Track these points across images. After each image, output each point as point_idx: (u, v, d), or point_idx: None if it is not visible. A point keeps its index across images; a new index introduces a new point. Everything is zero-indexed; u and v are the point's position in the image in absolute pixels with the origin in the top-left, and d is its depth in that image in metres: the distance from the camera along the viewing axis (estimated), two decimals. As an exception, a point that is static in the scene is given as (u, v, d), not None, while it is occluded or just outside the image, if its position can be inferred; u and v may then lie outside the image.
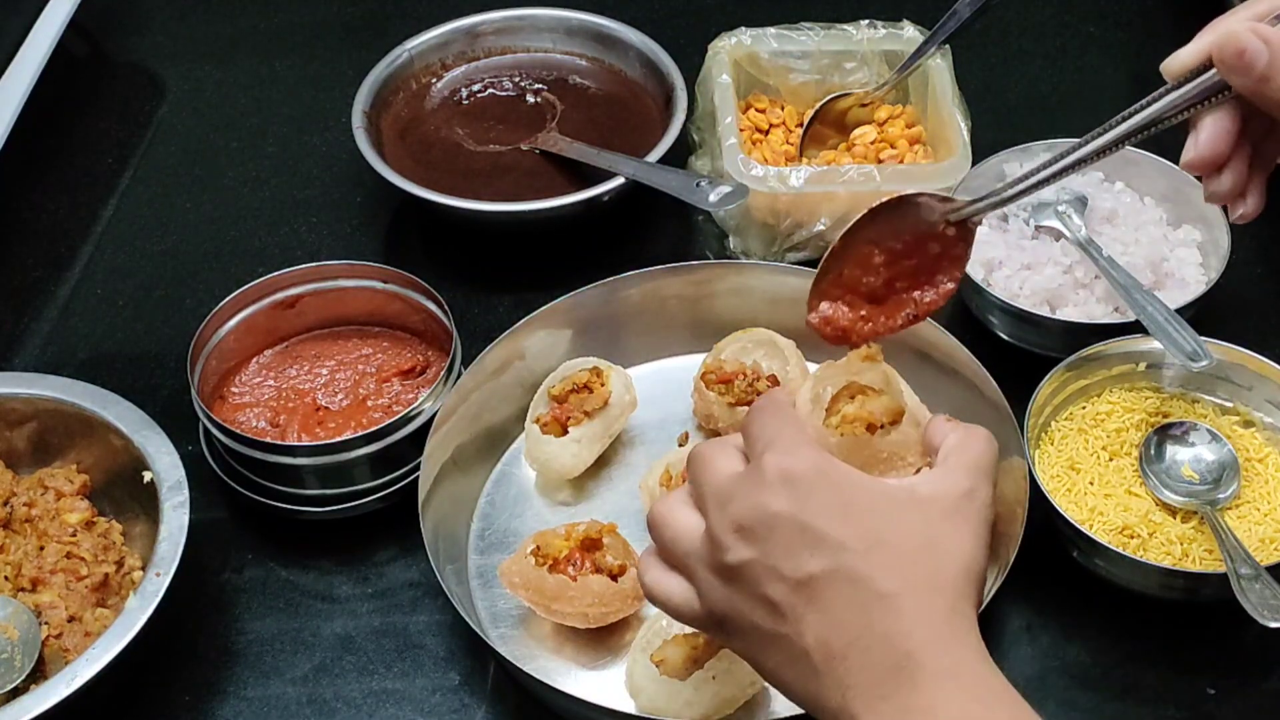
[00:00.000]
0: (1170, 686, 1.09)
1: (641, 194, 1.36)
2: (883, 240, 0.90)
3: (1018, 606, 1.13)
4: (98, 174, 1.53)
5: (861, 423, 0.91)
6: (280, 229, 1.47)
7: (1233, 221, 0.90)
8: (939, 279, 0.90)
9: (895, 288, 0.91)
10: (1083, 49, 1.63)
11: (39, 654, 1.07)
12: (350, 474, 1.18)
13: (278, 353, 1.28)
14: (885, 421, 0.92)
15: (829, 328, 0.93)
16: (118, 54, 1.69)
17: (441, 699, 1.11)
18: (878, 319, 0.92)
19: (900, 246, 0.90)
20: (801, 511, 0.81)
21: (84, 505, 1.16)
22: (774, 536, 0.81)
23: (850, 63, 1.46)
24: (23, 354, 1.36)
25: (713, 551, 0.84)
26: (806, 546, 0.81)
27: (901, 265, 0.90)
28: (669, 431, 1.25)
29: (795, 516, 0.81)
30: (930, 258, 0.91)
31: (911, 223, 0.90)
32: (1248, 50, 0.79)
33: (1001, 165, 1.35)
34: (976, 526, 0.85)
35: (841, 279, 0.92)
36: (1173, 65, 0.83)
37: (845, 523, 0.81)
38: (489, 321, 1.32)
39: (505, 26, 1.55)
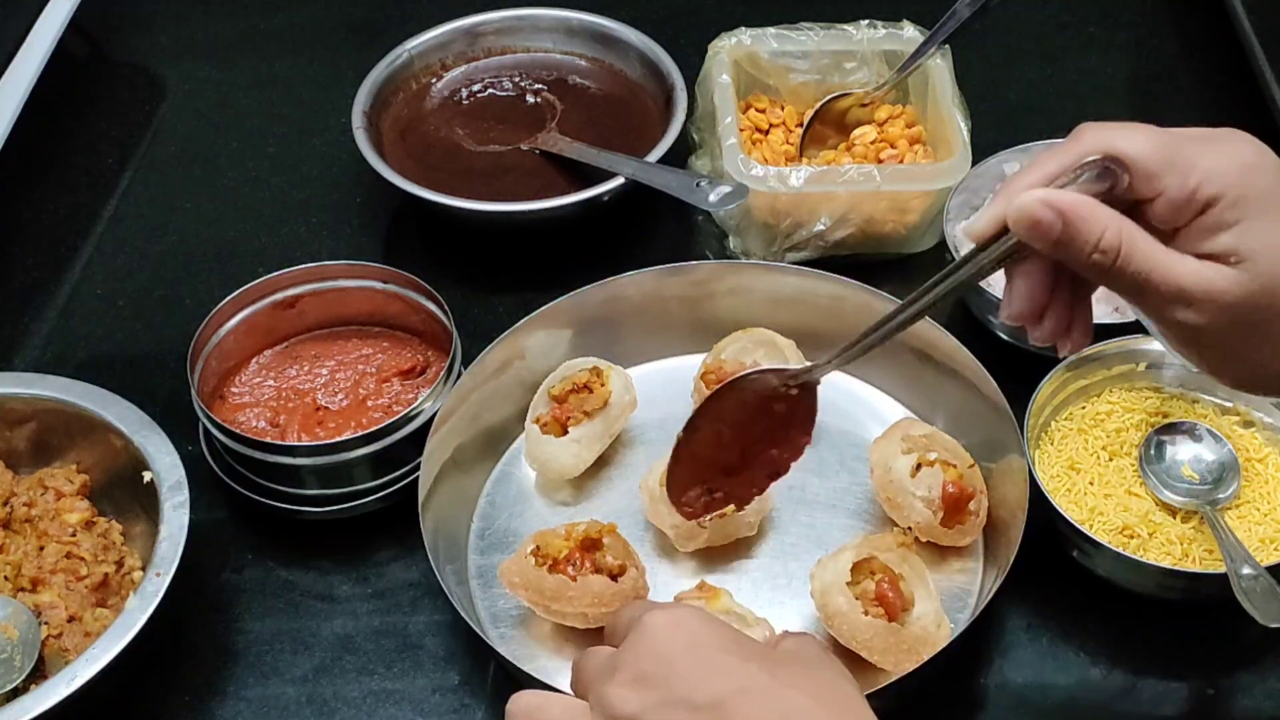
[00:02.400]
0: (1170, 686, 1.09)
1: (641, 194, 1.36)
2: (727, 417, 0.93)
3: (1018, 606, 1.13)
4: (98, 174, 1.53)
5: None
6: (280, 229, 1.47)
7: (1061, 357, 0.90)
8: (793, 435, 0.93)
9: (751, 453, 0.94)
10: (1083, 49, 1.63)
11: (39, 654, 1.07)
12: (350, 474, 1.18)
13: (278, 353, 1.28)
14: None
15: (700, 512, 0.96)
16: (118, 54, 1.69)
17: (441, 699, 1.11)
18: (743, 488, 0.95)
19: (746, 418, 0.92)
20: (699, 644, 0.80)
21: (84, 505, 1.16)
22: (675, 672, 0.79)
23: (850, 63, 1.46)
24: (23, 354, 1.36)
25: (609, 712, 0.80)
26: (713, 673, 0.79)
27: (752, 432, 0.92)
28: (669, 431, 1.24)
29: (694, 649, 0.79)
30: (780, 418, 0.93)
31: (752, 396, 0.92)
32: (1041, 222, 0.79)
33: (1001, 165, 1.35)
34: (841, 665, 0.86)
35: (697, 463, 0.94)
36: (973, 230, 0.83)
37: (741, 653, 0.80)
38: (489, 321, 1.32)
39: (505, 26, 1.55)
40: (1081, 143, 0.80)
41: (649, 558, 1.15)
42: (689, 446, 0.93)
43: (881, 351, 1.25)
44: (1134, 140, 0.78)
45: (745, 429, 0.91)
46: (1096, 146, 0.79)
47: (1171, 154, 0.77)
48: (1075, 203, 0.78)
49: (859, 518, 1.18)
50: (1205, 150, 0.78)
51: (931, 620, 1.06)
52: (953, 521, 1.12)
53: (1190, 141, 0.79)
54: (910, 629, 1.05)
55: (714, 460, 0.93)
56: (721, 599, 1.07)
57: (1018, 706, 1.09)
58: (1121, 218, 0.79)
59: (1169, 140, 0.79)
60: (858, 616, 1.04)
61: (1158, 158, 0.77)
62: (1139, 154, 0.78)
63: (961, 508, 1.12)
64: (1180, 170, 0.77)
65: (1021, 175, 0.82)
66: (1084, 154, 0.79)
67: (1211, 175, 0.77)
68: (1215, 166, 0.77)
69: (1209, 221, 0.77)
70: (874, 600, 1.05)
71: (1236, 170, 0.77)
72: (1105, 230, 0.78)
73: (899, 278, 1.34)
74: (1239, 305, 0.78)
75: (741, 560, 1.16)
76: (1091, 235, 0.78)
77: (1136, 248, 0.79)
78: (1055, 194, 0.79)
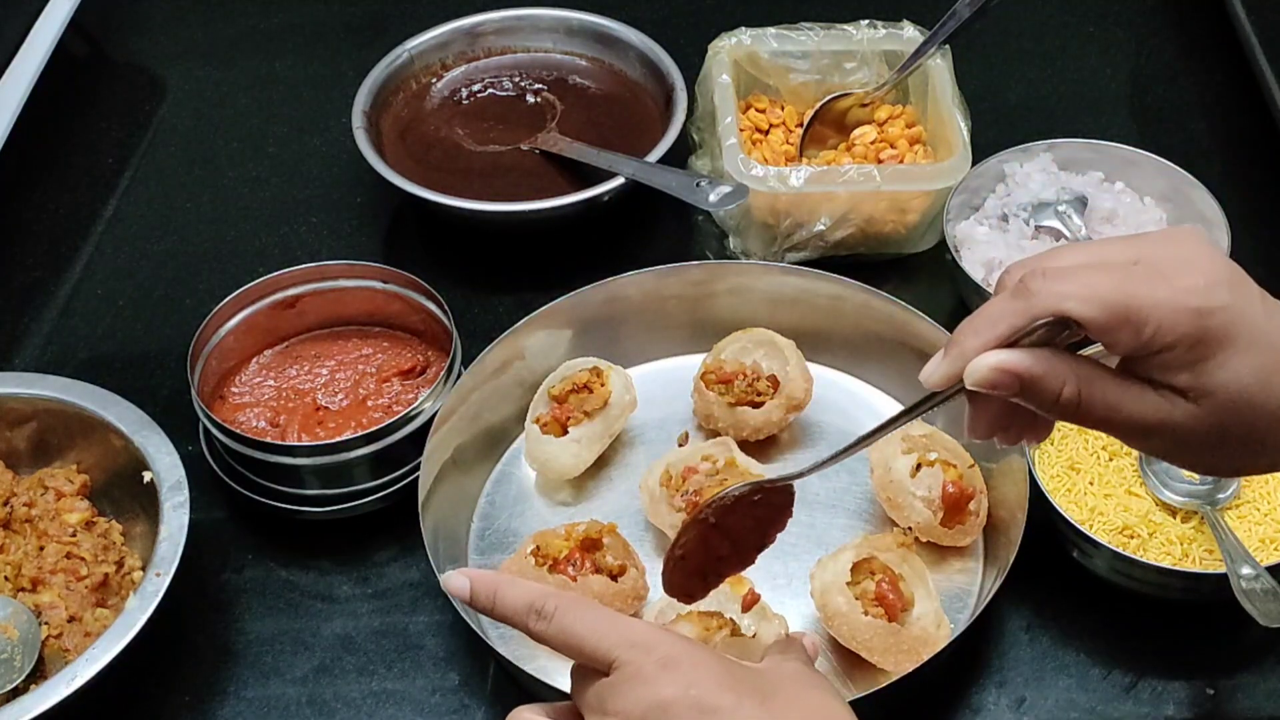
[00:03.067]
0: (1170, 686, 1.09)
1: (641, 194, 1.36)
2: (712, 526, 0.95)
3: (1018, 606, 1.13)
4: (98, 174, 1.53)
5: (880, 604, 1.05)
6: (280, 229, 1.47)
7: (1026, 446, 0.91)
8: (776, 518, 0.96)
9: (739, 542, 0.96)
10: (1083, 49, 1.63)
11: (39, 654, 1.07)
12: (350, 474, 1.18)
13: (278, 353, 1.29)
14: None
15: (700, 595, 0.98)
16: (118, 54, 1.69)
17: (441, 699, 1.11)
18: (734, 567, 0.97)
19: (731, 521, 0.95)
20: (692, 684, 0.82)
21: (84, 505, 1.16)
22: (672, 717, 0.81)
23: (850, 63, 1.46)
24: (23, 354, 1.36)
25: None
26: (705, 716, 0.81)
27: (737, 529, 0.95)
28: (669, 431, 1.25)
29: (688, 690, 0.82)
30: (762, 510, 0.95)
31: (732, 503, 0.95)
32: (998, 385, 0.80)
33: (1001, 165, 1.35)
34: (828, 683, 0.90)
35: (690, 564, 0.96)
36: (929, 382, 0.84)
37: (734, 689, 0.83)
38: (489, 321, 1.32)
39: (505, 26, 1.55)
40: (1031, 303, 0.79)
41: (649, 558, 1.15)
42: (680, 555, 0.96)
43: (881, 351, 1.26)
44: (1084, 301, 0.77)
45: (730, 529, 0.95)
46: (1045, 309, 0.78)
47: (1123, 309, 0.77)
48: (1030, 365, 0.79)
49: (859, 518, 1.18)
50: (1157, 293, 0.77)
51: (931, 620, 1.06)
52: (953, 521, 1.12)
53: (1141, 283, 0.77)
54: (910, 629, 1.05)
55: (706, 557, 0.96)
56: (744, 585, 1.07)
57: (1018, 706, 1.09)
58: (1078, 365, 0.80)
59: (1118, 290, 0.77)
60: (858, 616, 1.04)
61: (1108, 316, 0.77)
62: (1090, 316, 0.77)
63: (961, 508, 1.12)
64: (1133, 325, 0.77)
65: (972, 328, 0.82)
66: (1035, 317, 0.79)
67: (1165, 325, 0.77)
68: (1168, 316, 0.77)
69: (1168, 360, 0.78)
70: (874, 600, 1.05)
71: (1189, 316, 0.77)
72: (1063, 386, 0.80)
73: (899, 278, 1.35)
74: (1200, 433, 0.80)
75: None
76: (1050, 391, 0.80)
77: (1095, 395, 0.80)
78: (1009, 358, 0.79)
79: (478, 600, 0.90)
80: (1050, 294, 0.78)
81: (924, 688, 1.06)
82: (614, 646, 0.85)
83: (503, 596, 0.89)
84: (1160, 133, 1.51)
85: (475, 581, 0.90)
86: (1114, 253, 0.81)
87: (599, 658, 0.85)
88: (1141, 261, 0.79)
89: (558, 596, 0.87)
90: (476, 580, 0.90)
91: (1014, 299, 0.80)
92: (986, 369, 0.80)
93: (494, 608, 0.89)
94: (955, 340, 0.82)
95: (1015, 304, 0.79)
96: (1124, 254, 0.80)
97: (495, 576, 0.90)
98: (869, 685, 1.04)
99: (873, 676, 1.05)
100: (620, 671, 0.84)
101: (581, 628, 0.86)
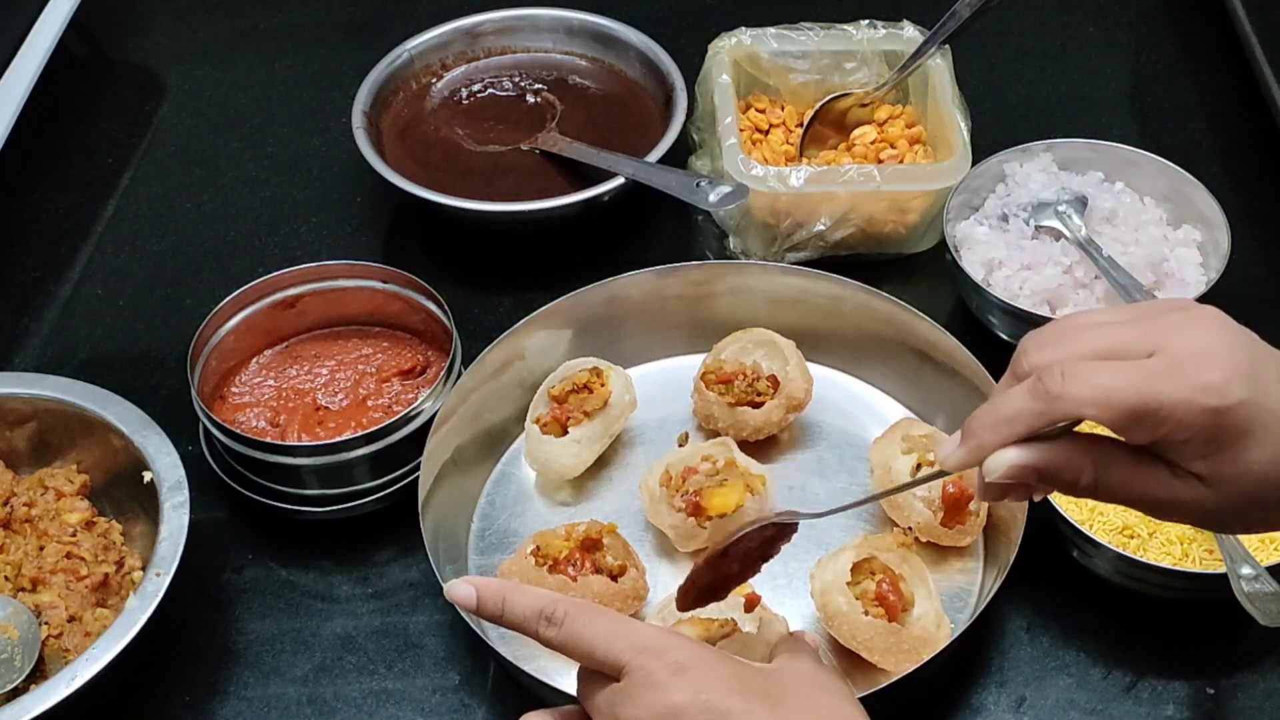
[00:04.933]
0: (1170, 686, 1.09)
1: (641, 194, 1.37)
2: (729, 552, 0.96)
3: (1018, 606, 1.13)
4: (98, 174, 1.53)
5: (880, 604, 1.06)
6: (280, 229, 1.47)
7: None
8: (783, 537, 0.97)
9: (746, 562, 0.98)
10: (1083, 49, 1.63)
11: (39, 654, 1.07)
12: (350, 474, 1.18)
13: (278, 353, 1.29)
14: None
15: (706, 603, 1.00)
16: (118, 54, 1.69)
17: (441, 699, 1.11)
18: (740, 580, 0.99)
19: (741, 545, 0.96)
20: (703, 689, 0.83)
21: (84, 505, 1.16)
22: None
23: (850, 63, 1.46)
24: (23, 354, 1.36)
25: None
26: None
27: (747, 555, 0.97)
28: (669, 431, 1.25)
29: (699, 695, 0.83)
30: (774, 531, 0.96)
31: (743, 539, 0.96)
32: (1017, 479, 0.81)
33: (1001, 165, 1.35)
34: (840, 682, 0.91)
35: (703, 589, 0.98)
36: (946, 465, 0.84)
37: (744, 693, 0.84)
38: (489, 321, 1.32)
39: (505, 26, 1.55)
40: (1050, 406, 0.79)
41: (649, 558, 1.15)
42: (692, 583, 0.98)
43: (881, 351, 1.26)
44: (1102, 408, 0.77)
45: (738, 552, 0.96)
46: (1064, 415, 0.79)
47: (1140, 411, 0.77)
48: (1049, 460, 0.80)
49: (859, 518, 1.18)
50: (1175, 391, 0.77)
51: (931, 620, 1.06)
52: (953, 521, 1.12)
53: (1158, 381, 0.77)
54: (910, 629, 1.05)
55: (715, 578, 0.97)
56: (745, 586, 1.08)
57: (1018, 706, 1.09)
58: (1095, 451, 0.81)
59: (1136, 392, 0.77)
60: (858, 616, 1.04)
61: (1126, 419, 0.77)
62: (1109, 419, 0.78)
63: (961, 508, 1.12)
64: (1151, 424, 0.77)
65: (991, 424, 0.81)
66: (1053, 421, 0.80)
67: (1182, 424, 0.77)
68: (1185, 416, 0.77)
69: (1184, 450, 0.79)
70: (874, 600, 1.05)
71: (1206, 415, 0.77)
72: (1081, 475, 0.81)
73: (899, 278, 1.35)
74: (1218, 510, 0.81)
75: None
76: (1069, 478, 0.81)
77: (1112, 479, 0.81)
78: (1028, 456, 0.80)
79: (485, 608, 0.90)
80: (1070, 399, 0.78)
81: (924, 688, 1.06)
82: (624, 651, 0.85)
83: (511, 604, 0.89)
84: (1160, 133, 1.51)
85: (482, 590, 0.90)
86: (1131, 339, 0.80)
87: (609, 663, 0.85)
88: (1158, 354, 0.78)
89: (567, 602, 0.88)
90: (483, 588, 0.90)
91: (1032, 399, 0.79)
92: (1005, 466, 0.80)
93: (502, 615, 0.89)
94: (972, 431, 0.82)
95: (1033, 404, 0.79)
96: (1141, 342, 0.79)
97: (502, 584, 0.91)
98: (869, 685, 1.04)
99: (873, 676, 1.05)
100: (630, 677, 0.84)
101: (591, 633, 0.86)
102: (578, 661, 0.88)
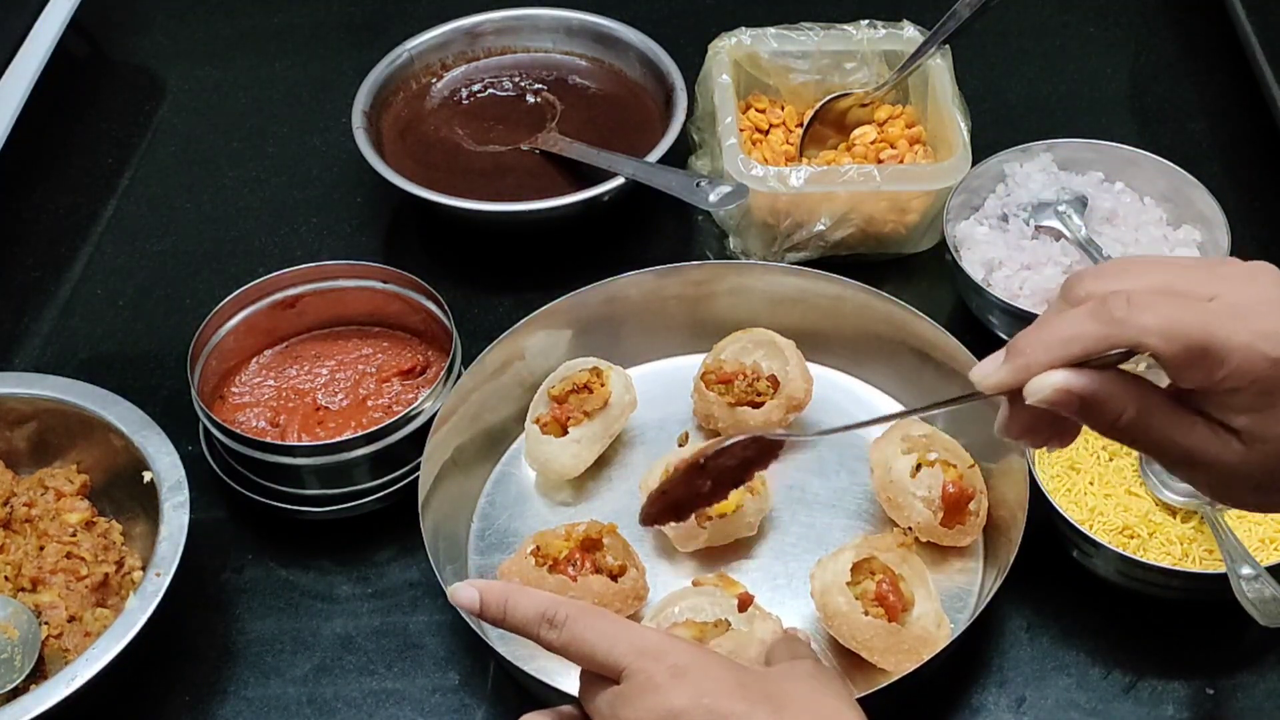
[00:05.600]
0: (1170, 686, 1.09)
1: (641, 194, 1.36)
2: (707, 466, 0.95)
3: (1018, 606, 1.13)
4: (98, 174, 1.53)
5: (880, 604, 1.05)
6: (280, 229, 1.47)
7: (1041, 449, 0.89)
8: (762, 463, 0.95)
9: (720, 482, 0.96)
10: (1083, 49, 1.63)
11: (39, 654, 1.07)
12: (350, 474, 1.18)
13: (278, 353, 1.29)
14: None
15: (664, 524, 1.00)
16: (118, 54, 1.69)
17: (441, 699, 1.11)
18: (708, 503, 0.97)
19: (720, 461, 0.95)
20: (705, 693, 0.83)
21: (84, 505, 1.16)
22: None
23: (850, 63, 1.46)
24: (23, 354, 1.36)
25: None
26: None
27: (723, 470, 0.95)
28: (669, 431, 1.25)
29: (700, 699, 0.83)
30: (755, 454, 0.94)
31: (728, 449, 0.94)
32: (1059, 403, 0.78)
33: (1001, 165, 1.35)
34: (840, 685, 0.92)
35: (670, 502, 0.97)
36: (985, 385, 0.81)
37: (745, 697, 0.84)
38: (489, 321, 1.32)
39: (505, 26, 1.55)
40: (1112, 330, 0.76)
41: (649, 558, 1.15)
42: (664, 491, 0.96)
43: (881, 351, 1.26)
44: (1167, 338, 0.75)
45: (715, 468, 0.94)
46: (1126, 340, 0.76)
47: (1202, 349, 0.75)
48: (1096, 389, 0.77)
49: (859, 518, 1.18)
50: (1237, 335, 0.75)
51: (931, 620, 1.06)
52: (953, 521, 1.12)
53: (1222, 322, 0.75)
54: (910, 629, 1.05)
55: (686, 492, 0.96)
56: (738, 587, 1.08)
57: (1018, 706, 1.09)
58: (1139, 391, 0.79)
59: (1201, 329, 0.75)
60: (858, 616, 1.04)
61: (1187, 354, 0.75)
62: (1170, 353, 0.75)
63: (961, 508, 1.12)
64: (1209, 364, 0.75)
65: (1042, 343, 0.78)
66: (1113, 345, 0.77)
67: (1240, 369, 0.75)
68: (1245, 360, 0.75)
69: (1231, 401, 0.77)
70: (874, 600, 1.05)
71: (1264, 363, 0.75)
72: (1124, 411, 0.78)
73: (899, 278, 1.35)
74: (1246, 473, 0.79)
75: (741, 560, 1.16)
76: (1109, 415, 0.78)
77: (1153, 423, 0.79)
78: (1077, 381, 0.77)
79: (488, 611, 0.90)
80: (1134, 325, 0.76)
81: (924, 688, 1.06)
82: (624, 654, 0.85)
83: (513, 607, 0.89)
84: (1160, 133, 1.51)
85: (485, 593, 0.90)
86: (1192, 281, 0.78)
87: (609, 665, 0.85)
88: (1219, 298, 0.77)
89: (568, 605, 0.88)
90: (486, 591, 0.90)
91: (1093, 321, 0.77)
92: (1051, 388, 0.77)
93: (505, 618, 0.90)
94: (1019, 349, 0.79)
95: (1094, 327, 0.77)
96: (1202, 286, 0.77)
97: (504, 586, 0.91)
98: (869, 685, 1.04)
99: (873, 676, 1.05)
100: (631, 680, 0.84)
101: (592, 636, 0.86)
102: (578, 664, 0.88)
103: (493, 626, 1.07)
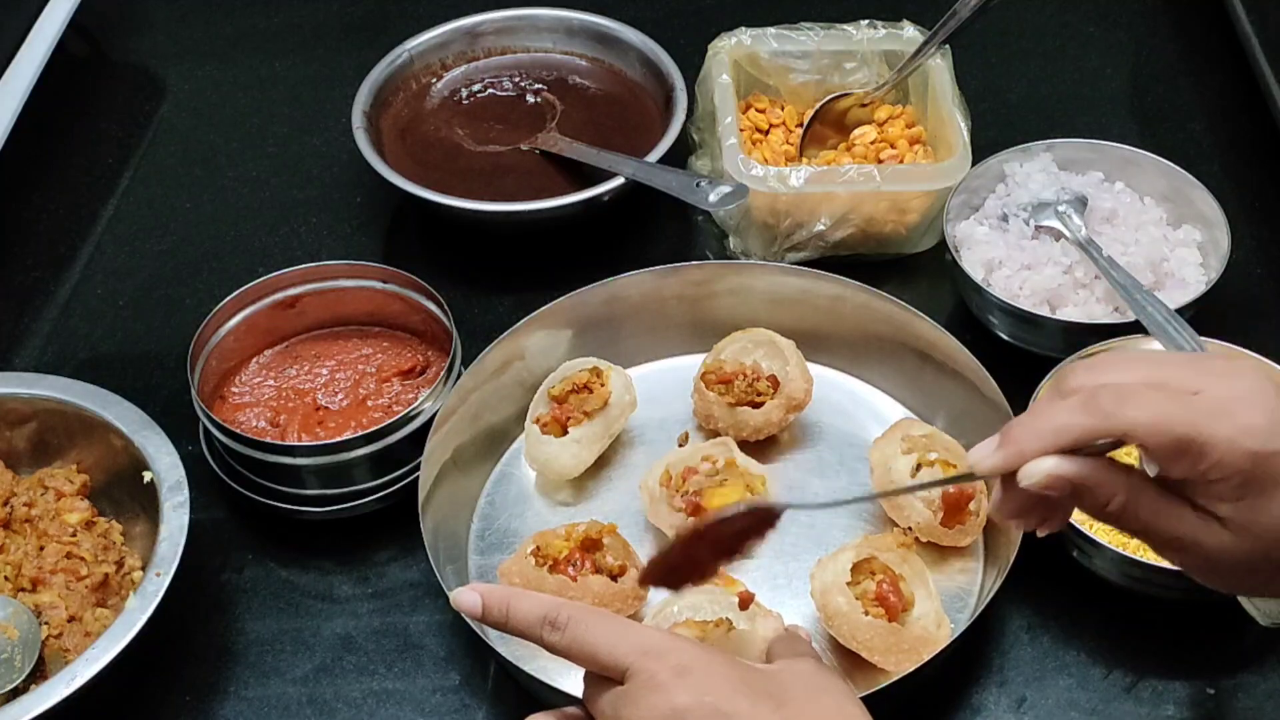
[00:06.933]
0: (1170, 686, 1.09)
1: (641, 194, 1.37)
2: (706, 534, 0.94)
3: (1018, 606, 1.13)
4: (98, 174, 1.53)
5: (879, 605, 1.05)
6: (280, 229, 1.47)
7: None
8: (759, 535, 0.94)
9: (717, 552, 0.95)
10: (1083, 49, 1.63)
11: (39, 654, 1.07)
12: (350, 474, 1.18)
13: (278, 353, 1.29)
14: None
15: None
16: (118, 54, 1.69)
17: (441, 699, 1.11)
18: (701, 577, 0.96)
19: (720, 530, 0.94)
20: (707, 691, 0.84)
21: (84, 505, 1.16)
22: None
23: (850, 63, 1.46)
24: (23, 354, 1.36)
25: None
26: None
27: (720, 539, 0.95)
28: (669, 431, 1.25)
29: (703, 698, 0.83)
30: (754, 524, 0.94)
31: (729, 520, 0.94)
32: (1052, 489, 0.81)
33: (1001, 165, 1.35)
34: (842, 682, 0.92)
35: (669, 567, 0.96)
36: (980, 468, 0.84)
37: (749, 695, 0.84)
38: (489, 321, 1.32)
39: (505, 26, 1.55)
40: (1100, 422, 0.79)
41: (649, 558, 1.15)
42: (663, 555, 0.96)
43: (881, 351, 1.26)
44: (1153, 431, 0.78)
45: (713, 537, 0.94)
46: (1114, 431, 0.79)
47: (1188, 442, 0.78)
48: (1086, 475, 0.80)
49: (859, 518, 1.18)
50: (1221, 429, 0.78)
51: (931, 620, 1.06)
52: (953, 521, 1.12)
53: (1206, 417, 0.78)
54: (910, 629, 1.05)
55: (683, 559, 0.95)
56: (738, 586, 1.08)
57: (1018, 707, 1.09)
58: (1128, 478, 0.81)
59: (1187, 422, 0.78)
60: (858, 616, 1.04)
61: (1173, 446, 0.78)
62: (1156, 444, 0.78)
63: (961, 508, 1.12)
64: (1194, 457, 0.78)
65: (1035, 431, 0.81)
66: (1100, 436, 0.80)
67: (1223, 462, 0.78)
68: (1227, 454, 0.77)
69: (1216, 491, 0.79)
70: (874, 600, 1.05)
71: (1246, 457, 0.78)
72: (1114, 497, 0.81)
73: (899, 278, 1.35)
74: (1232, 560, 0.81)
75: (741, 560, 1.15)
76: (1100, 500, 0.81)
77: (1142, 509, 0.81)
78: (1068, 467, 0.80)
79: (490, 615, 0.90)
80: (1123, 418, 0.78)
81: (924, 688, 1.06)
82: (627, 654, 0.85)
83: (515, 610, 0.89)
84: (1160, 133, 1.51)
85: (487, 597, 0.91)
86: (1178, 376, 0.80)
87: (612, 666, 0.86)
88: (1203, 393, 0.79)
89: (570, 607, 0.88)
90: (488, 595, 0.91)
91: (1084, 413, 0.79)
92: (1043, 474, 0.80)
93: (507, 622, 0.90)
94: (1013, 437, 0.81)
95: (1084, 419, 0.79)
96: (1188, 381, 0.80)
97: (506, 590, 0.91)
98: (869, 685, 1.04)
99: (873, 676, 1.05)
100: (634, 680, 0.84)
101: (594, 636, 0.86)
102: (581, 666, 0.88)
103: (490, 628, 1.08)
